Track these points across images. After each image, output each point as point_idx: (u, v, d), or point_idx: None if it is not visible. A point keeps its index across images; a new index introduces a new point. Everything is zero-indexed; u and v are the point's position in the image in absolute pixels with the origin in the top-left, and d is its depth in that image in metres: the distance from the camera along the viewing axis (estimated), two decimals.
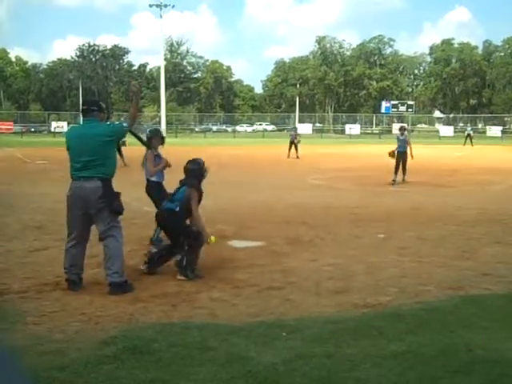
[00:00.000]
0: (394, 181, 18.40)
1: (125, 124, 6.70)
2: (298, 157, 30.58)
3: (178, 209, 7.05)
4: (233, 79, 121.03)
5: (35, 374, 4.01)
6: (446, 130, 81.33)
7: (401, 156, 18.71)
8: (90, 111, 6.55)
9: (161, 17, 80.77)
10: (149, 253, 7.30)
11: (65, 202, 6.48)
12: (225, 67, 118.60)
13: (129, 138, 8.73)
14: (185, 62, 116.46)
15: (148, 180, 8.98)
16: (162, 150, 9.21)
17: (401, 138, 19.07)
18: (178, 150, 23.55)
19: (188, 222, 7.23)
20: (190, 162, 7.45)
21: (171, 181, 8.09)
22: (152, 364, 4.26)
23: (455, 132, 78.99)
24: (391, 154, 18.88)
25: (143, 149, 9.01)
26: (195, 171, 7.28)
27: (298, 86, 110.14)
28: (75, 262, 6.41)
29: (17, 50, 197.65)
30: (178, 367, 4.21)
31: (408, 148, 18.76)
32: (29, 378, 3.36)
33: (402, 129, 20.19)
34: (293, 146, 31.31)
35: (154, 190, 8.84)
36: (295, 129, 36.58)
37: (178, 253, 7.11)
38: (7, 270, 7.15)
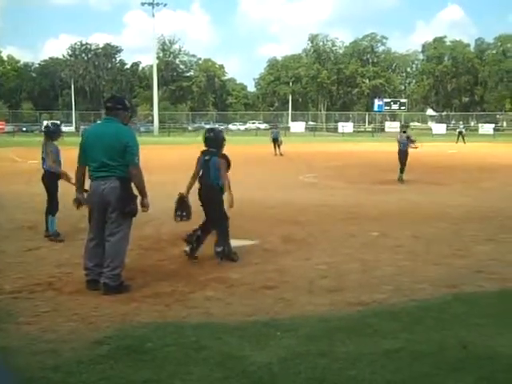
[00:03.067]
0: (400, 179, 18.37)
1: (136, 160, 6.31)
2: (276, 154, 32.00)
3: (220, 183, 7.51)
4: (225, 78, 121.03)
5: (28, 374, 3.99)
6: (439, 128, 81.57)
7: (401, 154, 18.63)
8: (114, 109, 6.44)
9: (153, 15, 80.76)
10: (187, 236, 7.58)
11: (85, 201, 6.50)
12: (217, 66, 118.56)
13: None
14: (177, 61, 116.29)
15: None
16: None
17: (403, 135, 19.02)
18: (172, 148, 23.50)
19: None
20: (211, 131, 7.87)
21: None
22: (146, 364, 4.25)
23: (448, 130, 79.24)
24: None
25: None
26: (219, 140, 7.66)
27: (290, 84, 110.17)
28: (99, 261, 6.33)
29: (9, 48, 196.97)
30: (173, 367, 4.20)
31: (408, 146, 18.64)
32: (18, 378, 3.34)
33: (403, 127, 20.08)
34: (276, 144, 32.64)
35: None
36: (277, 127, 37.35)
37: (210, 229, 7.67)
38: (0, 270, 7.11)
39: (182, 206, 7.44)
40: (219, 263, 7.37)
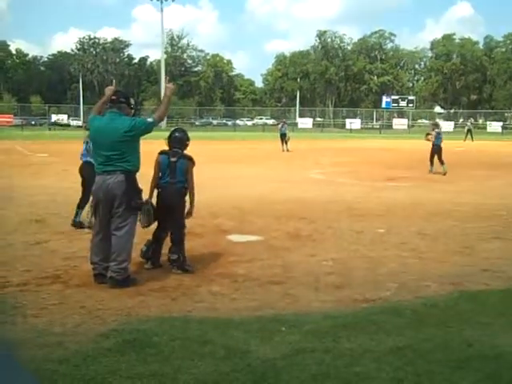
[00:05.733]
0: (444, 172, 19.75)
1: (150, 119, 6.50)
2: (283, 150, 32.00)
3: (186, 185, 7.04)
4: (233, 73, 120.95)
5: (35, 366, 4.01)
6: (447, 126, 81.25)
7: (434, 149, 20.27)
8: (117, 102, 6.48)
9: (162, 10, 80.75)
10: (141, 252, 7.14)
11: (91, 196, 6.50)
12: (225, 61, 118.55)
13: None
14: (185, 56, 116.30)
15: None
16: None
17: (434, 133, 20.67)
18: None
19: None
20: (177, 131, 7.41)
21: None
22: (152, 357, 4.27)
23: (455, 127, 79.04)
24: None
25: None
26: (184, 140, 7.26)
27: (298, 80, 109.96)
28: (105, 255, 6.36)
29: (17, 42, 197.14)
30: (178, 360, 4.22)
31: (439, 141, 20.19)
32: (28, 371, 3.37)
33: (434, 125, 22.55)
34: (283, 140, 32.66)
35: None
36: (284, 123, 36.98)
37: (164, 237, 7.19)
38: (7, 263, 7.15)
39: (144, 211, 6.72)
40: (174, 271, 6.90)
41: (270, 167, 22.47)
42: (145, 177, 6.92)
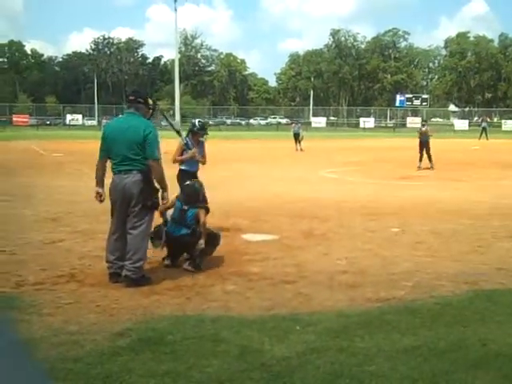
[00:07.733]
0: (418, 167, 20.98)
1: (157, 154, 6.39)
2: (297, 149, 32.11)
3: (190, 231, 7.10)
4: (247, 72, 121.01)
5: (50, 365, 4.04)
6: (461, 124, 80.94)
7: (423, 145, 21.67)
8: (135, 102, 6.51)
9: (175, 10, 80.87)
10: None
11: (107, 195, 6.50)
12: (239, 60, 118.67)
13: None
14: (199, 55, 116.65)
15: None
16: None
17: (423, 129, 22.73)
18: None
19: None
20: (187, 185, 7.54)
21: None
22: (166, 356, 4.29)
23: (470, 126, 78.60)
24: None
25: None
26: (193, 195, 7.33)
27: (312, 79, 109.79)
28: (121, 254, 6.39)
29: (32, 42, 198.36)
30: (192, 359, 4.24)
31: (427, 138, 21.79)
32: (42, 369, 3.39)
33: (425, 121, 25.34)
34: (297, 139, 32.78)
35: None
36: (298, 122, 36.96)
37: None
38: (23, 262, 7.21)
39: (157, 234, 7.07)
40: (185, 267, 6.93)
41: (284, 166, 22.47)
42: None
